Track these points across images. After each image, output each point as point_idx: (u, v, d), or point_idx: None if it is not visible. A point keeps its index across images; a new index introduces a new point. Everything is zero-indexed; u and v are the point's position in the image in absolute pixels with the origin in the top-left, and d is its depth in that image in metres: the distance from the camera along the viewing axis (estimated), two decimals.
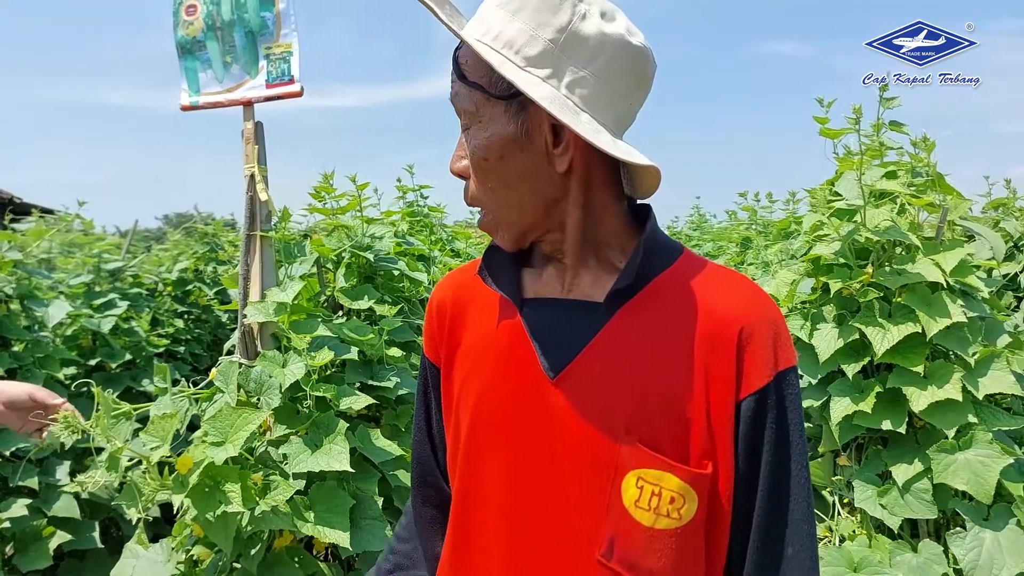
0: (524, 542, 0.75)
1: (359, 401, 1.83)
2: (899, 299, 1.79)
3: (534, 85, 0.67)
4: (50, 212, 4.87)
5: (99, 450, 1.60)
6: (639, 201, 0.80)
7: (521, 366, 0.76)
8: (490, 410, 0.78)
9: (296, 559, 1.70)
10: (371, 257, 2.20)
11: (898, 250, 1.89)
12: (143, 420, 1.82)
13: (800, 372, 1.98)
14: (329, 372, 1.97)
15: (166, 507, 2.36)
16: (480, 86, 0.71)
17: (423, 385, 0.92)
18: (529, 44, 0.68)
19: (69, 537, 2.59)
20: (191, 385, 1.87)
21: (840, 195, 1.98)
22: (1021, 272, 3.43)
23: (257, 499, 1.60)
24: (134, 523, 2.87)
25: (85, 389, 1.69)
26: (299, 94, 1.91)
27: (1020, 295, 3.44)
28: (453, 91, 0.74)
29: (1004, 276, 3.42)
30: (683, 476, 0.68)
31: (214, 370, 1.81)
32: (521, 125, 0.70)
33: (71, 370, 3.19)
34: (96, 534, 2.71)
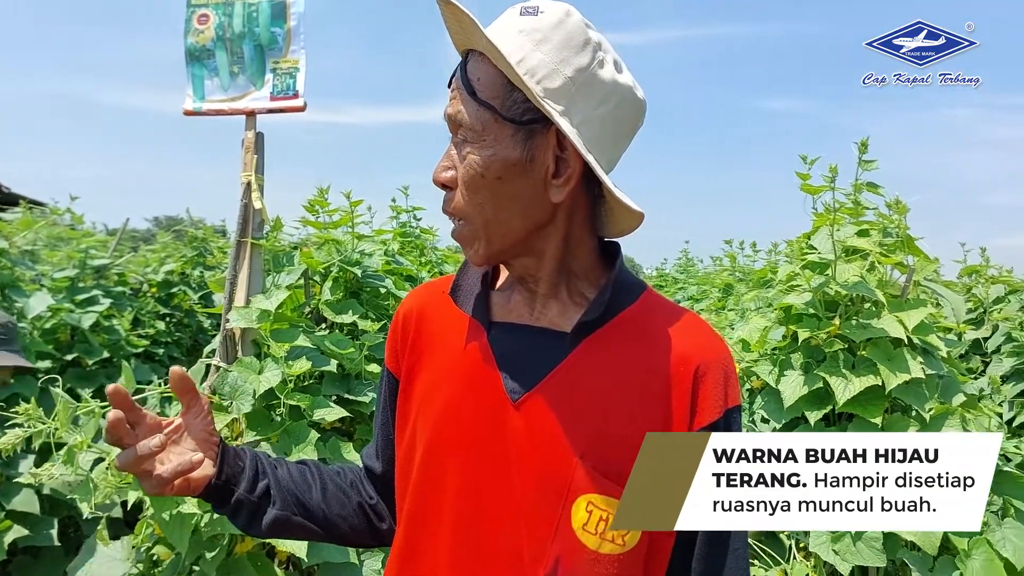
0: (472, 556, 0.76)
1: (332, 413, 1.85)
2: (863, 352, 1.86)
3: (556, 116, 0.70)
4: (39, 204, 4.88)
5: (60, 446, 1.61)
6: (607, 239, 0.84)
7: (485, 387, 0.78)
8: (450, 427, 0.79)
9: (256, 564, 1.70)
10: (359, 273, 2.24)
11: (866, 305, 1.96)
12: None
13: (765, 416, 2.03)
14: (307, 382, 2.00)
15: (127, 509, 2.35)
16: (492, 107, 0.71)
17: (381, 394, 0.93)
18: (550, 77, 0.70)
19: (26, 532, 2.55)
20: (162, 385, 1.88)
21: (815, 248, 2.06)
22: (989, 336, 3.54)
23: None
24: (95, 520, 2.84)
25: (58, 384, 1.69)
26: (302, 109, 1.98)
27: (987, 360, 3.54)
28: (455, 106, 0.74)
29: (971, 340, 3.52)
30: None
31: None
32: (527, 151, 0.72)
33: (46, 363, 3.17)
34: (54, 532, 2.67)
